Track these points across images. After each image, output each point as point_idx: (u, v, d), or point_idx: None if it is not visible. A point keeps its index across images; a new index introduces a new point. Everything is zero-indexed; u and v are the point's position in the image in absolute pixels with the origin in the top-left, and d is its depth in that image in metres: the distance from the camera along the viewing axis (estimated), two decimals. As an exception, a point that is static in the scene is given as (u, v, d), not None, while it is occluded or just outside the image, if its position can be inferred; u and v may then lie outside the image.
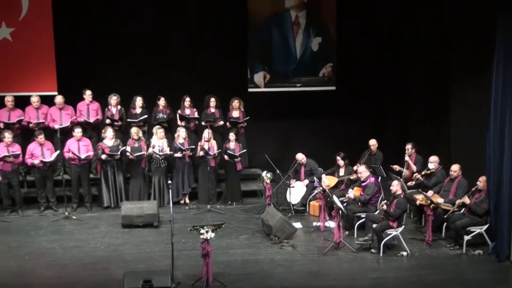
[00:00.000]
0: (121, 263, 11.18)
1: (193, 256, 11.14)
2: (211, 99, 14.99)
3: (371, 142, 14.29)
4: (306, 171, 14.19)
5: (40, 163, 13.59)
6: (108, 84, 15.26)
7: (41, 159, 13.58)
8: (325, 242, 12.06)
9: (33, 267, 11.16)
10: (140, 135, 14.13)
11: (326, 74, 16.82)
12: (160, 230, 12.84)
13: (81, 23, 15.64)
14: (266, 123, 16.27)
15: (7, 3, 15.36)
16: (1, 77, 15.45)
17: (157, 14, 15.75)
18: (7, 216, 13.62)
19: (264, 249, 11.94)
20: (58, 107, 14.58)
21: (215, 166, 14.42)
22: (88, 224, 13.27)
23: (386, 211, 11.61)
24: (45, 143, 13.79)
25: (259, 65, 16.65)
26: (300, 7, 16.58)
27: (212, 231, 10.17)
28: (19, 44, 15.52)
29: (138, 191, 14.13)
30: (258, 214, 13.62)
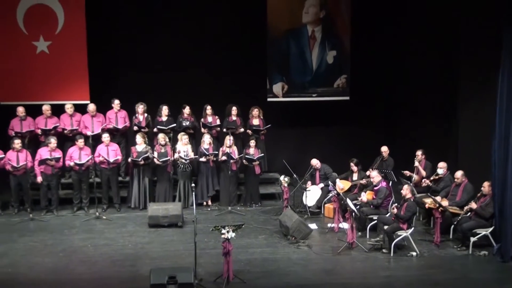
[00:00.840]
0: (148, 260, 11.21)
1: (215, 254, 11.14)
2: (233, 107, 15.01)
3: (383, 148, 14.26)
4: (321, 175, 14.17)
5: (75, 165, 13.68)
6: (135, 93, 15.29)
7: (75, 161, 13.67)
8: (339, 242, 12.02)
9: (66, 263, 11.21)
10: (167, 141, 14.17)
11: (340, 85, 16.77)
12: (184, 230, 12.85)
13: (111, 37, 15.74)
14: (284, 130, 16.24)
15: (45, 18, 15.45)
16: (39, 87, 15.53)
17: (183, 28, 15.80)
18: (43, 216, 13.71)
19: (281, 248, 11.91)
20: (91, 114, 14.67)
21: (236, 170, 14.41)
22: (117, 224, 13.32)
23: (396, 214, 11.55)
24: (84, 148, 13.87)
25: (278, 76, 16.63)
26: (316, 22, 16.56)
27: (233, 231, 10.17)
28: (55, 57, 15.61)
29: (164, 193, 14.16)
30: (276, 215, 13.59)
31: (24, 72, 15.49)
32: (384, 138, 15.38)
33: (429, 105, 15.37)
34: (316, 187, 14.08)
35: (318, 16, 16.52)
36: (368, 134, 16.26)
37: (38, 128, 14.40)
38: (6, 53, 15.40)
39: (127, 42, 15.78)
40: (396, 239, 11.49)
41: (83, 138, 13.95)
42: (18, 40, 15.42)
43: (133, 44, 15.77)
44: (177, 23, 15.80)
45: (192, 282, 9.74)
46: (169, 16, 15.76)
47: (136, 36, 15.77)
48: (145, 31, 15.77)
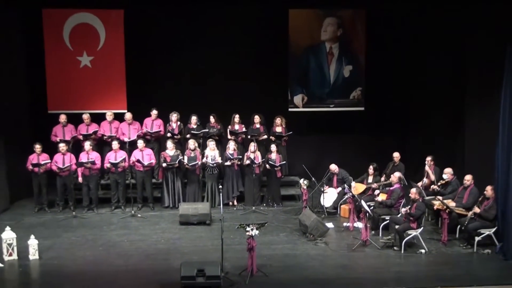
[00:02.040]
0: (178, 255, 11.26)
1: (240, 250, 11.13)
2: (256, 116, 15.05)
3: (394, 154, 14.18)
4: (338, 179, 14.14)
5: (111, 166, 13.82)
6: (169, 103, 15.37)
7: (110, 161, 13.82)
8: (354, 240, 11.98)
9: (105, 256, 11.31)
10: (196, 146, 14.24)
11: (356, 97, 16.71)
12: (212, 227, 12.87)
13: (147, 51, 15.85)
14: (304, 137, 16.19)
15: (88, 36, 15.61)
16: (82, 97, 15.70)
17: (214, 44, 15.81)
18: (84, 214, 13.83)
19: (301, 245, 11.90)
20: (128, 122, 14.80)
21: (259, 173, 14.40)
22: (151, 221, 13.37)
23: (408, 213, 11.50)
24: (119, 151, 14.00)
25: (298, 88, 16.62)
26: (334, 40, 16.54)
27: (256, 229, 10.20)
28: (97, 70, 15.76)
29: (194, 194, 14.20)
30: (296, 215, 13.56)
31: (69, 84, 15.68)
32: (395, 145, 15.27)
33: (437, 115, 15.29)
34: (333, 190, 14.04)
35: (336, 34, 16.50)
36: (381, 141, 16.16)
37: (80, 134, 14.57)
38: (54, 67, 15.61)
39: (161, 56, 15.89)
40: (406, 238, 11.44)
41: (117, 141, 14.08)
42: (64, 56, 15.62)
43: (167, 58, 15.85)
44: (208, 40, 15.84)
45: (219, 275, 9.80)
46: (200, 33, 15.84)
47: (170, 51, 15.86)
48: (178, 47, 15.86)
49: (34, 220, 13.47)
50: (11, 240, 11.02)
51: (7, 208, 14.24)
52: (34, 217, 13.65)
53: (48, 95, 15.68)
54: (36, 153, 13.81)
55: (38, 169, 13.74)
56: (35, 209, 14.05)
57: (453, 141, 14.67)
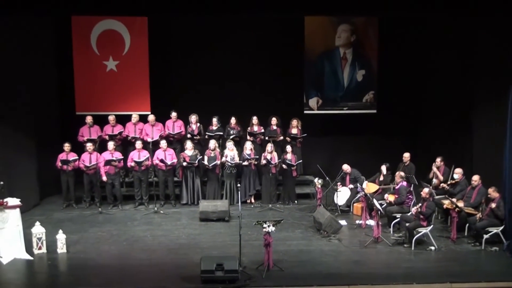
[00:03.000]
0: (198, 250, 11.27)
1: (257, 245, 11.15)
2: (273, 118, 15.02)
3: (405, 155, 14.08)
4: (351, 178, 14.07)
5: (135, 164, 13.85)
6: (190, 104, 15.41)
7: (134, 159, 13.84)
8: (366, 237, 11.92)
9: (129, 251, 11.35)
10: (216, 146, 14.24)
11: (368, 100, 16.61)
12: (230, 223, 12.89)
13: (169, 56, 15.91)
14: (318, 139, 16.12)
15: (114, 42, 15.65)
16: (107, 100, 15.73)
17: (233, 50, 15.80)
18: (110, 210, 13.89)
19: (315, 241, 11.87)
20: (151, 124, 14.82)
21: (276, 173, 14.39)
22: (172, 218, 13.41)
23: (419, 211, 11.40)
24: (142, 150, 14.04)
25: (313, 92, 16.55)
26: (347, 45, 16.45)
27: (273, 225, 10.19)
28: (122, 74, 15.79)
29: (213, 192, 14.20)
30: (310, 213, 13.51)
31: (96, 87, 15.74)
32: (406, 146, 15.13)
33: (447, 117, 15.13)
34: (346, 189, 13.98)
35: (349, 40, 16.42)
36: (392, 142, 16.01)
37: (106, 135, 14.64)
38: (82, 71, 15.66)
39: (183, 61, 15.91)
40: (416, 235, 11.36)
41: (141, 141, 14.12)
42: (91, 60, 15.68)
43: (189, 62, 15.87)
44: (227, 45, 15.83)
45: (237, 269, 9.83)
46: (220, 39, 15.82)
47: (191, 56, 15.87)
48: (199, 52, 15.84)
49: (62, 215, 13.56)
50: (40, 234, 11.11)
51: (37, 203, 14.36)
52: (62, 213, 13.75)
53: (76, 97, 15.74)
54: (65, 152, 13.90)
55: (66, 167, 13.83)
56: (63, 205, 14.14)
57: (462, 142, 14.50)
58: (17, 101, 13.58)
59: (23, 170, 13.80)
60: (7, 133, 13.25)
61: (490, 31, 12.91)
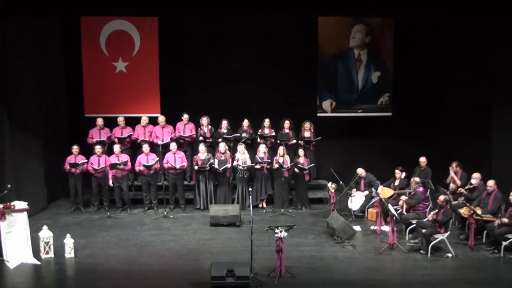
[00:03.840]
0: (209, 255, 11.24)
1: (269, 251, 11.09)
2: (286, 121, 15.00)
3: (421, 159, 14.01)
4: (366, 183, 14.01)
5: (144, 168, 13.86)
6: (201, 107, 15.43)
7: (144, 164, 13.85)
8: (381, 243, 11.85)
9: (138, 256, 11.34)
10: (226, 149, 14.23)
11: (383, 102, 16.57)
12: (242, 229, 12.86)
13: (179, 57, 15.94)
14: (332, 142, 16.10)
15: (124, 43, 15.73)
16: (117, 101, 15.81)
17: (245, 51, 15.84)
18: (118, 214, 13.93)
19: (328, 247, 11.82)
20: (161, 125, 14.82)
21: (288, 177, 14.36)
22: (182, 222, 13.40)
23: (434, 219, 11.33)
24: (150, 154, 14.05)
25: (327, 94, 16.54)
26: (362, 46, 16.44)
27: (285, 231, 10.13)
28: (131, 75, 15.86)
29: (224, 196, 14.20)
30: (323, 218, 13.46)
31: (105, 88, 15.82)
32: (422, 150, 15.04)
33: (465, 120, 15.07)
34: (361, 193, 13.92)
35: (364, 41, 16.40)
36: (408, 146, 15.95)
37: (115, 138, 14.67)
38: (91, 72, 15.75)
39: (194, 62, 15.93)
40: (433, 242, 11.27)
41: (148, 144, 14.13)
42: (101, 61, 15.77)
43: (200, 63, 15.90)
44: (239, 46, 15.87)
45: (248, 275, 9.79)
46: (232, 40, 15.88)
47: (202, 57, 15.89)
48: (210, 53, 15.87)
49: (70, 219, 13.61)
50: (48, 238, 11.14)
51: (45, 207, 14.42)
52: (70, 217, 13.81)
53: (85, 99, 15.83)
54: (74, 154, 13.96)
55: (75, 170, 13.88)
56: (71, 209, 14.20)
57: (481, 146, 14.40)
58: (24, 103, 13.66)
59: (31, 173, 13.88)
60: (15, 135, 13.32)
61: (511, 32, 12.85)
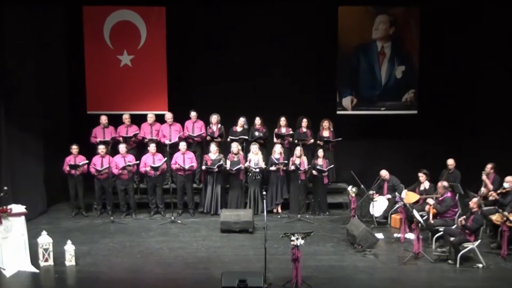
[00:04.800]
0: (219, 264, 11.20)
1: (284, 260, 11.04)
2: (304, 120, 14.96)
3: (449, 161, 13.90)
4: (389, 186, 13.92)
5: (151, 169, 13.84)
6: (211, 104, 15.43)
7: (151, 165, 13.84)
8: (405, 252, 11.75)
9: (143, 264, 11.31)
10: (239, 149, 14.19)
11: (408, 99, 16.50)
12: (255, 235, 12.82)
13: (189, 50, 15.96)
14: (353, 142, 16.04)
15: (129, 34, 15.79)
16: (121, 98, 15.87)
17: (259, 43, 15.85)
18: (123, 219, 13.94)
19: (348, 256, 11.74)
20: (168, 123, 14.81)
21: (305, 179, 14.31)
22: (191, 228, 13.39)
23: (464, 224, 11.21)
24: (156, 154, 14.04)
25: (347, 90, 16.50)
26: (386, 38, 16.38)
27: (301, 238, 10.08)
28: (137, 69, 15.91)
29: (236, 200, 14.17)
30: (343, 224, 13.40)
31: (109, 84, 15.88)
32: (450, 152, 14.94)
33: (497, 120, 14.92)
34: (383, 198, 13.83)
35: (388, 32, 16.34)
36: (435, 147, 15.90)
37: (120, 136, 14.67)
38: (94, 66, 15.81)
39: (204, 55, 15.95)
40: (462, 251, 11.14)
41: (155, 144, 14.13)
42: (104, 54, 15.83)
43: (210, 57, 15.90)
44: (252, 38, 15.87)
45: (261, 286, 9.72)
46: (244, 31, 15.87)
47: (213, 49, 15.90)
48: (221, 46, 15.89)
49: (71, 224, 13.65)
50: (47, 245, 11.13)
51: (44, 211, 14.47)
52: (71, 222, 13.84)
53: (88, 95, 15.88)
54: (73, 155, 13.98)
55: (74, 171, 13.89)
56: (72, 213, 14.23)
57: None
58: (22, 98, 13.68)
59: (29, 174, 13.92)
60: (12, 134, 13.35)
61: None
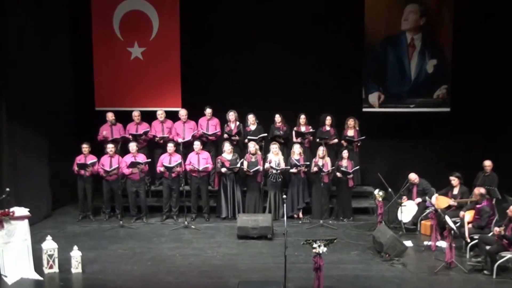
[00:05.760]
0: (236, 272, 11.18)
1: (305, 269, 11.01)
2: (327, 117, 14.94)
3: (485, 163, 13.78)
4: (419, 190, 13.83)
5: (165, 169, 13.88)
6: (228, 100, 15.44)
7: (164, 164, 13.88)
8: (436, 262, 11.66)
9: (154, 272, 11.32)
10: (257, 149, 14.18)
11: (440, 96, 16.40)
12: (274, 242, 12.81)
13: (204, 43, 15.97)
14: (380, 142, 16.04)
15: (140, 25, 15.83)
16: (131, 93, 15.92)
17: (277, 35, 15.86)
18: (133, 223, 14.00)
19: (374, 265, 11.68)
20: (182, 120, 14.84)
21: (329, 182, 14.28)
22: (206, 234, 13.42)
23: (501, 234, 11.09)
24: (174, 154, 14.06)
25: (374, 86, 16.45)
26: (416, 29, 16.29)
27: (324, 245, 10.03)
28: (149, 63, 15.97)
29: (254, 204, 14.18)
30: (369, 231, 13.38)
31: (118, 78, 15.94)
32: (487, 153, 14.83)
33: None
34: (412, 203, 13.76)
35: (418, 23, 16.25)
36: (470, 148, 15.81)
37: (129, 134, 14.72)
38: (103, 59, 15.89)
39: (220, 48, 15.97)
40: (499, 260, 11.04)
41: (174, 144, 14.14)
42: (114, 46, 15.90)
43: (227, 49, 15.93)
44: (272, 30, 15.88)
45: (281, 296, 9.71)
46: (264, 21, 15.86)
47: (230, 42, 15.93)
48: (238, 38, 15.89)
49: (77, 229, 13.73)
50: (52, 251, 11.18)
51: (49, 215, 14.58)
52: (77, 226, 13.92)
53: (96, 90, 15.95)
54: (83, 154, 14.06)
55: (84, 171, 13.96)
56: (79, 217, 14.33)
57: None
58: (26, 94, 13.74)
59: (33, 175, 14.00)
60: (15, 131, 13.43)
61: None
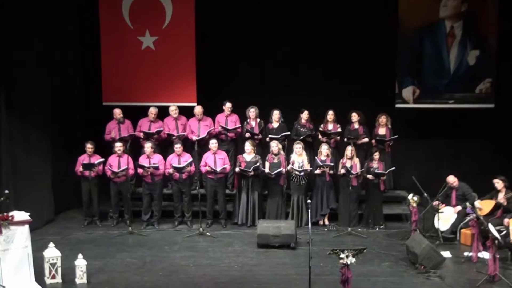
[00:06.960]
0: (255, 285, 11.18)
1: (331, 281, 10.98)
2: (354, 114, 14.90)
3: (533, 165, 13.70)
4: (458, 195, 13.75)
5: (174, 170, 13.89)
6: (247, 96, 15.48)
7: (173, 165, 13.90)
8: (478, 275, 11.52)
9: (166, 283, 11.32)
10: (280, 149, 14.16)
11: (483, 90, 16.29)
12: (297, 252, 12.79)
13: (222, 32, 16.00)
14: (414, 141, 16.01)
15: (152, 11, 15.89)
16: (142, 87, 16.00)
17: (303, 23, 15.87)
18: (143, 229, 14.04)
19: (408, 278, 11.59)
20: (197, 118, 14.85)
21: (358, 185, 14.23)
22: (222, 242, 13.42)
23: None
24: (183, 155, 14.08)
25: (408, 79, 16.39)
26: (456, 17, 16.18)
27: (352, 256, 9.97)
28: (161, 53, 16.03)
29: (276, 210, 14.18)
30: (402, 240, 13.33)
31: (128, 70, 16.03)
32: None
33: None
34: (451, 209, 13.68)
35: (459, 9, 16.16)
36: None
37: (141, 131, 14.72)
38: (111, 50, 16.00)
39: (240, 38, 16.01)
40: (548, 274, 10.98)
41: (180, 144, 14.14)
42: (123, 35, 15.99)
43: (247, 39, 15.96)
44: (296, 18, 15.88)
45: (304, 312, 9.71)
46: (287, 11, 15.86)
47: (250, 31, 15.96)
48: (260, 27, 15.92)
49: (82, 235, 13.80)
50: (54, 259, 11.23)
51: (52, 219, 14.68)
52: (82, 232, 13.99)
53: (103, 83, 16.05)
54: (87, 154, 14.12)
55: (89, 172, 14.03)
56: (84, 222, 14.42)
57: None
58: (27, 89, 13.83)
59: (34, 177, 14.10)
60: (15, 129, 13.55)
61: None
